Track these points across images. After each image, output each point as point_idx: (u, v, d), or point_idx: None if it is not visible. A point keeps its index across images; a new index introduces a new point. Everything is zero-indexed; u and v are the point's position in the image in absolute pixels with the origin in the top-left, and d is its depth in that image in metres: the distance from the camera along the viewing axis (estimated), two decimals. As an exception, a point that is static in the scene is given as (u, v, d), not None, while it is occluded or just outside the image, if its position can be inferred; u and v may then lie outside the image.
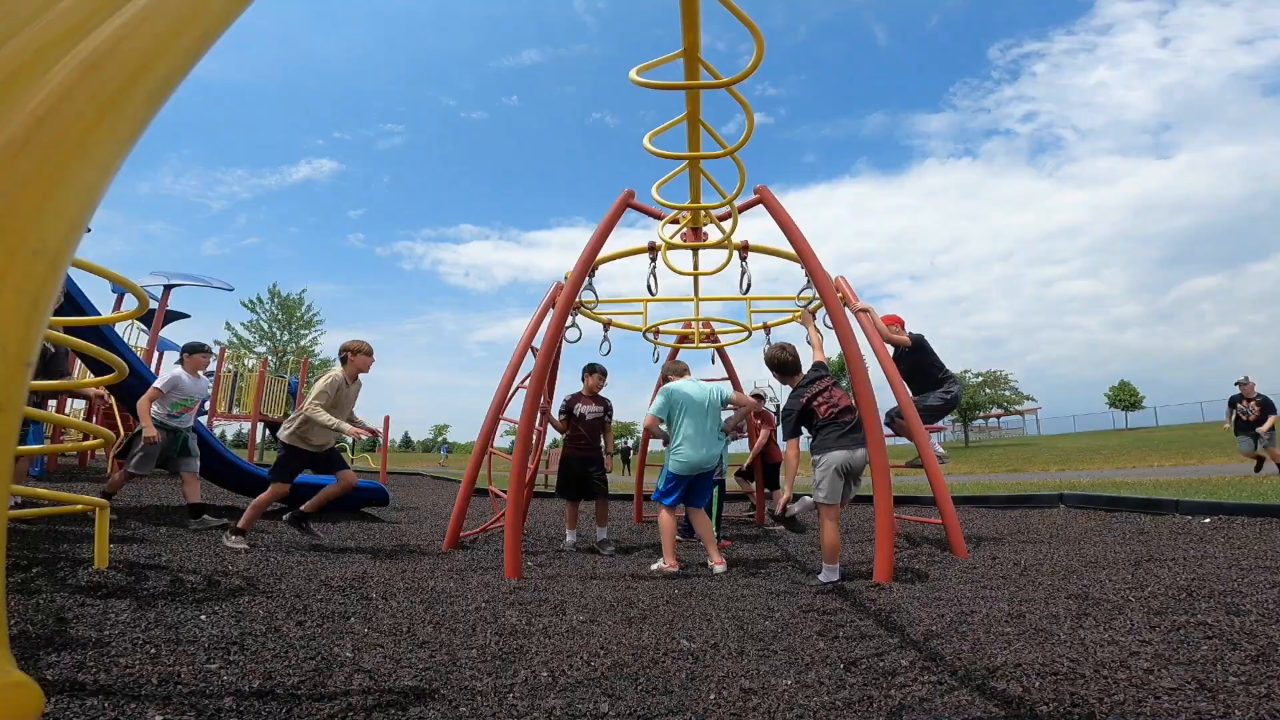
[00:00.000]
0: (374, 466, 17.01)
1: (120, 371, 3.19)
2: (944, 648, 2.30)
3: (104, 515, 3.28)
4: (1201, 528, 4.96)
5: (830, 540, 3.67)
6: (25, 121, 0.58)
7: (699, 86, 2.91)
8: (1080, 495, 6.90)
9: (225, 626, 2.42)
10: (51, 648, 2.07)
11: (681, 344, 7.14)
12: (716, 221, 4.64)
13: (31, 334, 0.56)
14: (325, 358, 39.01)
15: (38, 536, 4.05)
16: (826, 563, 3.69)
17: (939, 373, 5.24)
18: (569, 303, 4.59)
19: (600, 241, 4.60)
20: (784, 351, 4.11)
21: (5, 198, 0.55)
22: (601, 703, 1.82)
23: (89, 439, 7.15)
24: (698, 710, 1.79)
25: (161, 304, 12.89)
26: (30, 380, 0.58)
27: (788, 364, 4.09)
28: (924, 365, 5.18)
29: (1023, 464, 17.61)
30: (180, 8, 0.68)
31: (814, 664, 2.16)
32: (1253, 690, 1.79)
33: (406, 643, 2.36)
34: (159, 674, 1.90)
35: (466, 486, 5.25)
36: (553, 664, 2.16)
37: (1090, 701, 1.76)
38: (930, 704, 1.79)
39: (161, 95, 0.67)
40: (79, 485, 7.69)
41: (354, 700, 1.81)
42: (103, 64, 0.63)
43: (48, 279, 0.57)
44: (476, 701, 1.82)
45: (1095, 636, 2.33)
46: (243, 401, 13.12)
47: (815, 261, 4.40)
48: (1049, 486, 8.39)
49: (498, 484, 6.68)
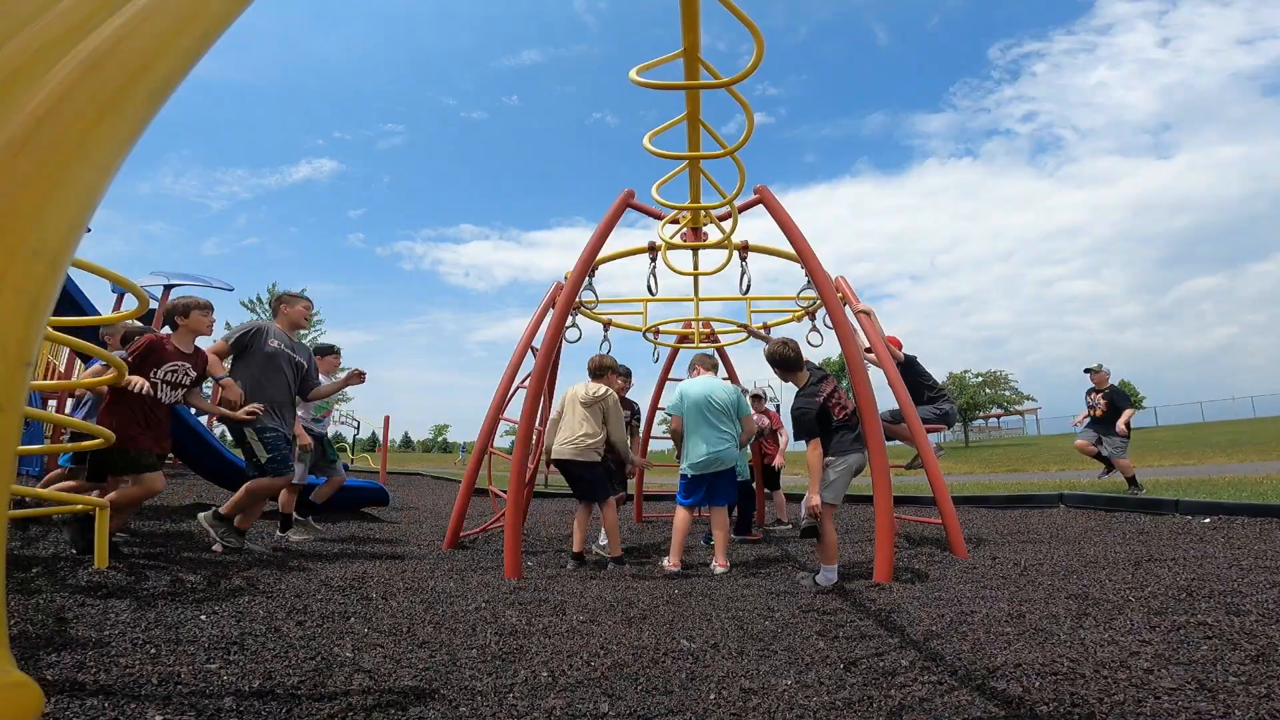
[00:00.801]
0: (374, 466, 17.02)
1: (120, 371, 3.20)
2: (944, 648, 2.30)
3: (104, 515, 3.28)
4: (1201, 528, 4.96)
5: (832, 540, 3.66)
6: (25, 121, 0.58)
7: (699, 86, 2.91)
8: (1080, 495, 6.90)
9: (225, 626, 2.42)
10: (51, 648, 2.07)
11: (681, 344, 7.14)
12: (716, 221, 4.64)
13: (31, 334, 0.56)
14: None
15: (38, 537, 4.05)
16: (826, 563, 3.64)
17: (930, 391, 5.36)
18: (569, 303, 4.58)
19: (600, 241, 4.60)
20: (786, 347, 4.02)
21: (5, 198, 0.55)
22: (601, 703, 1.82)
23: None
24: (698, 710, 1.79)
25: (161, 304, 12.90)
26: (30, 380, 0.58)
27: (790, 360, 4.00)
28: (914, 385, 5.25)
29: (1023, 464, 17.62)
30: (180, 8, 0.68)
31: (814, 664, 2.16)
32: (1253, 690, 1.79)
33: (406, 643, 2.36)
34: (159, 674, 1.90)
35: (466, 486, 5.25)
36: (553, 664, 2.16)
37: (1090, 701, 1.77)
38: (930, 704, 1.79)
39: (161, 95, 0.67)
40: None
41: (354, 700, 1.81)
42: (103, 64, 0.63)
43: (48, 279, 0.58)
44: (476, 701, 1.82)
45: (1095, 636, 2.33)
46: (243, 401, 13.09)
47: (815, 261, 4.40)
48: (1049, 486, 8.39)
49: (498, 484, 6.68)
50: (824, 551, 3.64)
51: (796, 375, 4.01)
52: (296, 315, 4.42)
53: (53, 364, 10.11)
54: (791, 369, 4.03)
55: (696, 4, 2.52)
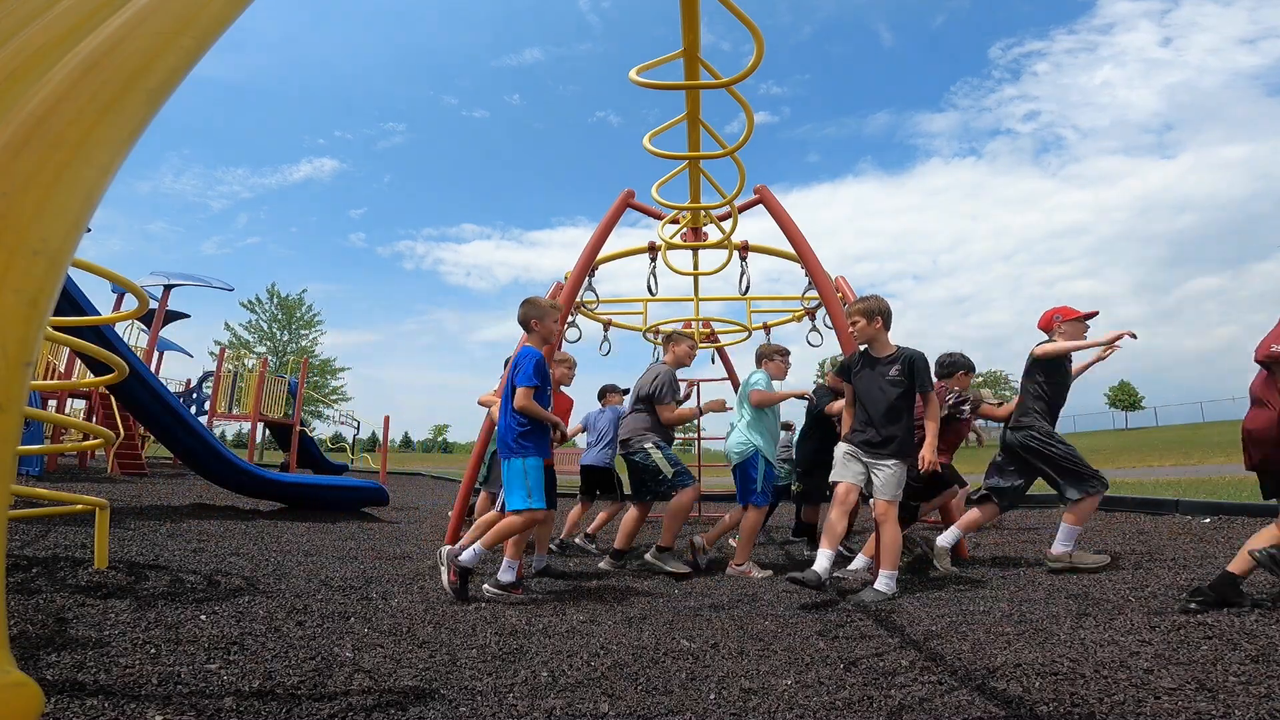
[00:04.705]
0: (374, 466, 17.02)
1: (120, 371, 3.20)
2: (944, 648, 2.30)
3: (104, 515, 3.29)
4: (1201, 528, 4.96)
5: (898, 540, 3.35)
6: (25, 121, 0.58)
7: (698, 86, 2.91)
8: (1080, 495, 6.89)
9: (225, 626, 2.42)
10: (51, 648, 2.07)
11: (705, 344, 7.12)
12: (716, 221, 4.64)
13: (31, 334, 0.56)
14: (325, 358, 39.07)
15: (37, 536, 4.05)
16: (888, 568, 3.23)
17: None
18: (569, 303, 4.59)
19: (600, 241, 4.61)
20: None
21: (5, 198, 0.55)
22: (601, 703, 1.82)
23: (89, 439, 7.16)
24: (698, 710, 1.79)
25: (161, 304, 12.90)
26: (30, 380, 0.58)
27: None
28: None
29: (1023, 464, 17.55)
30: (180, 8, 0.68)
31: (814, 664, 2.16)
32: (1253, 690, 1.79)
33: (406, 643, 2.36)
34: (159, 674, 1.90)
35: (466, 486, 5.25)
36: (553, 664, 2.16)
37: (1090, 701, 1.77)
38: (930, 704, 1.79)
39: (161, 95, 0.67)
40: (79, 485, 7.69)
41: (354, 700, 1.81)
42: (103, 64, 0.63)
43: (48, 279, 0.58)
44: (476, 701, 1.82)
45: (1095, 636, 2.33)
46: (243, 401, 13.11)
47: (815, 261, 4.40)
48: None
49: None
50: (888, 555, 3.26)
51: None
52: (682, 354, 4.47)
53: (53, 364, 10.12)
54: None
55: (696, 4, 2.53)
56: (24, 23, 0.63)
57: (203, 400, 14.08)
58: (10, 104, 0.59)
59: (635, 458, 4.16)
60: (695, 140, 3.44)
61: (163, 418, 5.94)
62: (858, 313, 3.50)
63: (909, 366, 3.39)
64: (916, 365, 3.40)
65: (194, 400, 14.59)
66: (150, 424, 6.19)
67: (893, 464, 3.32)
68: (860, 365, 3.57)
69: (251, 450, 12.81)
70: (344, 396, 38.09)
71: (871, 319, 3.46)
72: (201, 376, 15.40)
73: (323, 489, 6.99)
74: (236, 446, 23.03)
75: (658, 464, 4.07)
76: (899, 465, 3.33)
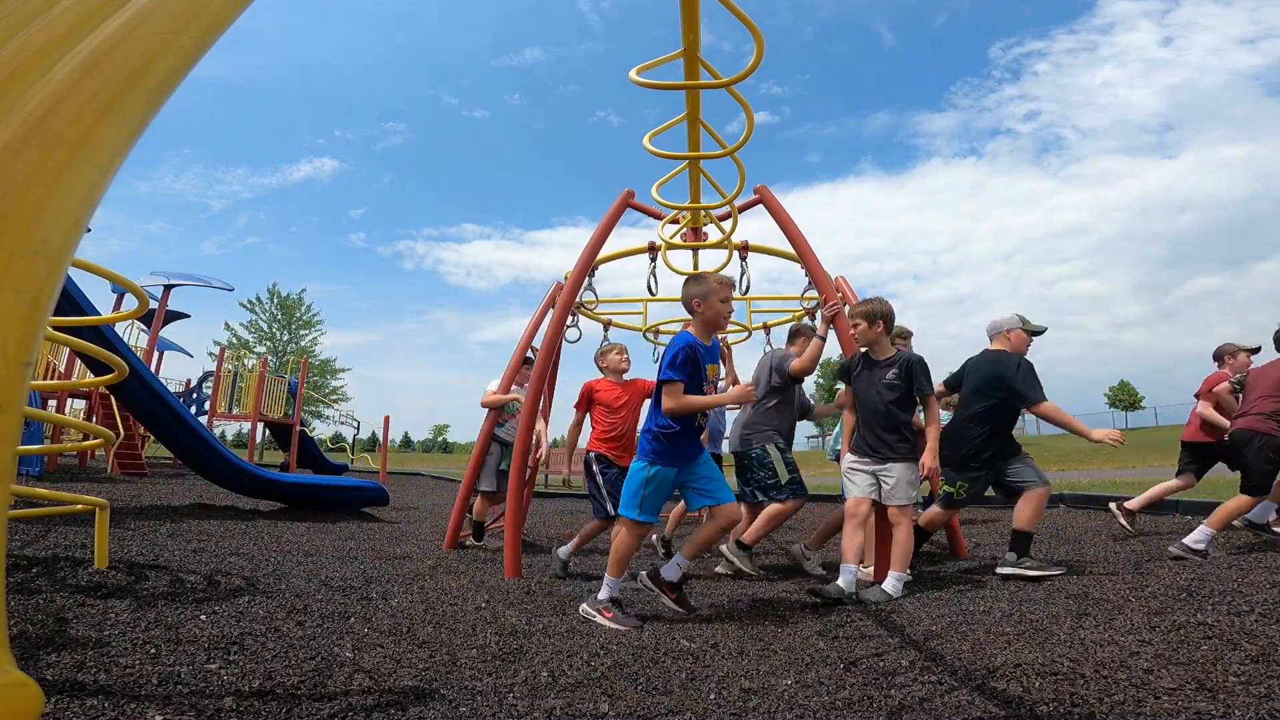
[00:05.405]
0: (374, 466, 17.02)
1: (120, 371, 3.20)
2: (944, 648, 2.30)
3: (104, 515, 3.29)
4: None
5: (910, 541, 3.33)
6: (25, 121, 0.58)
7: (698, 86, 2.91)
8: (1080, 495, 6.91)
9: (225, 626, 2.42)
10: (51, 648, 2.07)
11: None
12: (716, 221, 4.64)
13: (31, 334, 0.56)
14: (325, 358, 39.08)
15: (37, 536, 4.05)
16: (899, 569, 3.23)
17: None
18: (569, 303, 4.58)
19: (600, 241, 4.60)
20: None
21: (5, 198, 0.55)
22: (601, 703, 1.82)
23: (89, 439, 7.16)
24: (698, 710, 1.79)
25: (161, 304, 12.90)
26: (30, 380, 0.58)
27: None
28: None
29: (1023, 464, 17.55)
30: (180, 8, 0.68)
31: (814, 664, 2.16)
32: (1253, 690, 1.79)
33: (406, 643, 2.36)
34: (159, 674, 1.90)
35: (466, 486, 5.25)
36: (553, 664, 2.16)
37: (1090, 701, 1.76)
38: (930, 704, 1.79)
39: (161, 95, 0.67)
40: (79, 485, 7.69)
41: (354, 700, 1.81)
42: (103, 64, 0.63)
43: (48, 279, 0.58)
44: (476, 701, 1.82)
45: (1095, 636, 2.33)
46: (243, 401, 13.11)
47: (815, 262, 4.40)
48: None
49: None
50: (899, 556, 3.26)
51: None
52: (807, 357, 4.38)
53: (53, 364, 10.12)
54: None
55: (696, 5, 2.53)
56: (24, 23, 0.63)
57: (203, 400, 14.09)
58: (10, 104, 0.59)
59: (752, 452, 4.07)
60: (695, 140, 3.44)
61: (163, 418, 5.94)
62: (859, 316, 3.51)
63: (906, 371, 3.39)
64: (914, 370, 3.40)
65: (194, 400, 14.59)
66: (150, 424, 6.18)
67: (897, 468, 3.32)
68: (860, 368, 3.58)
69: (251, 450, 12.82)
70: (344, 396, 38.12)
71: (873, 322, 3.46)
72: (201, 376, 15.41)
73: (323, 489, 6.99)
74: (236, 446, 23.03)
75: (774, 464, 3.98)
76: (904, 468, 3.33)
